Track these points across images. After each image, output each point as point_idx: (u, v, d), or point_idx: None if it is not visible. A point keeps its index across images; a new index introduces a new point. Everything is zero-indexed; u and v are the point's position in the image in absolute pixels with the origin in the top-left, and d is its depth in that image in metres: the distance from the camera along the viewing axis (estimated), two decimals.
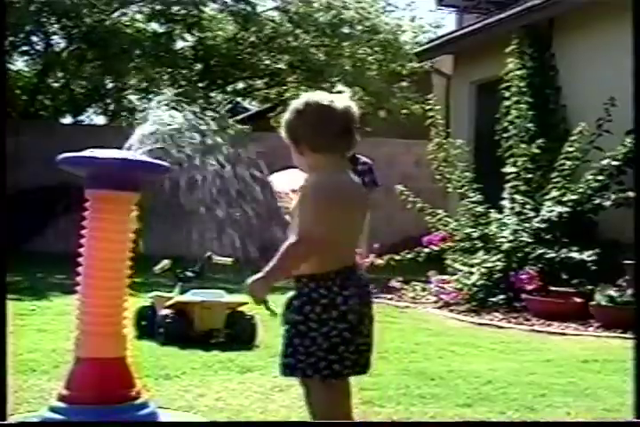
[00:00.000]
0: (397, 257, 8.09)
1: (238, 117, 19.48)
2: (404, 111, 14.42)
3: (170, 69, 15.00)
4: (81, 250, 2.82)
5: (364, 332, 2.53)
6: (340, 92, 3.01)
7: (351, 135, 2.58)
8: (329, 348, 2.45)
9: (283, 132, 2.58)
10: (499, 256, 7.57)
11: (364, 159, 8.64)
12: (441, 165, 8.89)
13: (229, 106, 18.34)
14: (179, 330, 4.82)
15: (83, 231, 2.82)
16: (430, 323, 6.35)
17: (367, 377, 3.99)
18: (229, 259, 5.54)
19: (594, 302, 6.42)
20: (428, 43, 12.58)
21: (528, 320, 6.58)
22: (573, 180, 7.78)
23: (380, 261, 7.78)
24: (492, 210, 8.27)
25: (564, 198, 7.64)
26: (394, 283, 8.31)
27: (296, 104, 2.58)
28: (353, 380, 3.89)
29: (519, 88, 8.89)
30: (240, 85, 17.05)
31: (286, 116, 2.59)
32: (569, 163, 7.81)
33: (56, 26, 13.89)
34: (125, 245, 2.83)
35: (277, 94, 16.46)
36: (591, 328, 6.24)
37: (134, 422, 2.73)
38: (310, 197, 2.46)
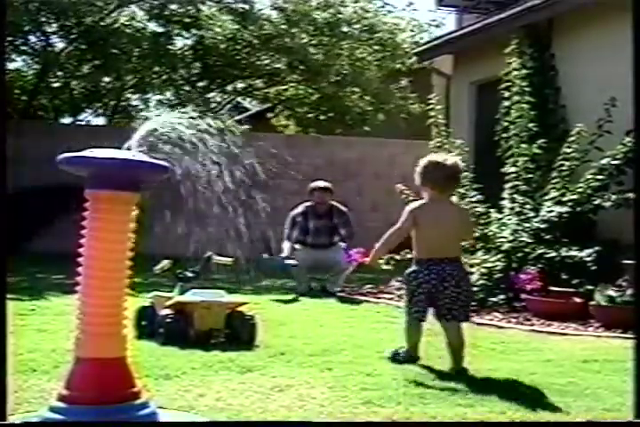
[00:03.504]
0: (397, 257, 8.08)
1: (238, 117, 19.49)
2: (404, 111, 14.43)
3: (168, 69, 15.00)
4: (81, 250, 2.82)
5: (437, 296, 4.34)
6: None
7: (454, 181, 4.45)
8: (408, 299, 4.43)
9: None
10: (499, 256, 7.57)
11: (340, 208, 8.55)
12: None
13: (229, 106, 18.33)
14: (179, 330, 4.82)
15: (83, 231, 2.82)
16: (430, 323, 6.34)
17: (367, 377, 4.01)
18: (229, 259, 5.54)
19: (594, 302, 6.42)
20: (427, 43, 12.58)
21: (528, 320, 6.57)
22: (573, 180, 7.79)
23: (380, 261, 7.75)
24: (492, 210, 8.27)
25: (564, 198, 7.64)
26: (394, 283, 8.30)
27: (423, 161, 4.41)
28: (353, 380, 3.91)
29: (519, 88, 8.89)
30: (239, 85, 17.05)
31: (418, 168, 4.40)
32: (568, 163, 7.82)
33: (54, 25, 13.89)
34: (125, 245, 2.83)
35: (277, 94, 16.46)
36: (591, 328, 6.24)
37: (134, 422, 2.72)
38: (404, 212, 4.42)
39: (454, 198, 4.56)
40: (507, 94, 9.04)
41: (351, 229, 8.50)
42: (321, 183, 8.60)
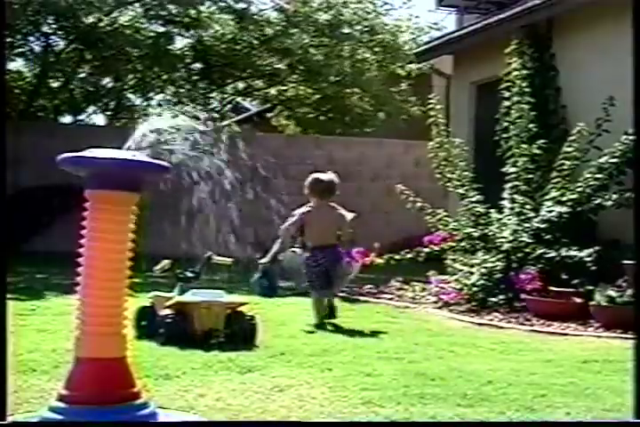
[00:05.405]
0: (397, 257, 8.08)
1: (238, 118, 19.48)
2: (404, 113, 14.41)
3: (169, 69, 14.98)
4: (81, 250, 2.81)
5: (330, 273, 5.88)
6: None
7: (328, 191, 5.95)
8: (311, 279, 5.94)
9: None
10: (499, 256, 7.57)
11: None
12: (441, 165, 8.89)
13: (230, 106, 18.32)
14: (179, 330, 4.81)
15: (83, 231, 2.81)
16: (430, 323, 6.35)
17: (367, 377, 4.01)
18: (229, 259, 5.54)
19: (594, 302, 6.42)
20: (427, 43, 12.57)
21: (528, 320, 6.57)
22: (573, 179, 7.78)
23: (379, 261, 7.77)
24: (492, 210, 8.27)
25: (564, 198, 7.63)
26: (394, 283, 8.31)
27: (309, 178, 5.99)
28: (352, 380, 3.91)
29: (519, 88, 8.89)
30: (240, 85, 17.04)
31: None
32: (568, 163, 7.81)
33: (54, 26, 13.88)
34: (125, 245, 2.83)
35: (277, 94, 16.44)
36: (591, 328, 6.24)
37: (134, 422, 2.72)
38: (295, 212, 5.93)
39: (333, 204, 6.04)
40: (507, 94, 9.04)
41: (352, 234, 8.51)
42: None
